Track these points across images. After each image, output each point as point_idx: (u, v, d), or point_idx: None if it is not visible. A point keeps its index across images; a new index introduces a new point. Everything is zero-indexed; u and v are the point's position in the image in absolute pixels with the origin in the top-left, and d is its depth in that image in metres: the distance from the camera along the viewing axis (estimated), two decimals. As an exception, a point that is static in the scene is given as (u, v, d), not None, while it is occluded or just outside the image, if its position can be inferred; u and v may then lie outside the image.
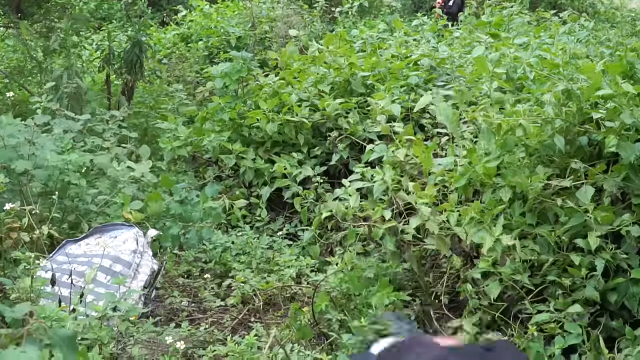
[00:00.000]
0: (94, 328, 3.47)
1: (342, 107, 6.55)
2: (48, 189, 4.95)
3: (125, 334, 3.89)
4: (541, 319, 4.18)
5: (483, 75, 5.73)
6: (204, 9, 13.35)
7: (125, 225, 4.72)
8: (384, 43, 8.31)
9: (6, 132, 5.00)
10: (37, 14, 8.63)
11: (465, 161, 4.90)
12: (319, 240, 5.79)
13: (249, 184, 6.65)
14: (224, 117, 6.85)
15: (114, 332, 3.78)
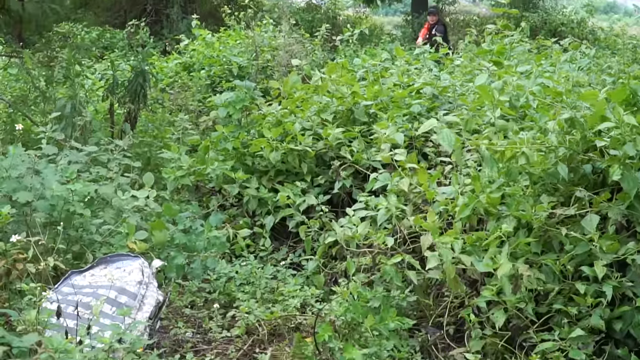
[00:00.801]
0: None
1: (345, 136, 6.58)
2: (52, 219, 4.95)
3: (131, 366, 3.88)
4: (546, 348, 4.18)
5: (486, 103, 5.75)
6: (206, 38, 13.41)
7: (131, 255, 4.71)
8: (386, 72, 8.35)
9: (9, 163, 5.02)
10: (38, 42, 8.67)
11: (468, 190, 4.92)
12: (324, 269, 5.79)
13: (252, 213, 6.65)
14: (227, 146, 6.87)
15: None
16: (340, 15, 23.59)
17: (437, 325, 4.89)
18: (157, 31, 19.86)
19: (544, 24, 21.76)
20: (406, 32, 24.10)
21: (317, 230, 6.04)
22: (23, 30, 8.80)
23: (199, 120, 8.53)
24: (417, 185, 5.37)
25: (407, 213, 5.27)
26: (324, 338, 4.50)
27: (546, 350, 4.17)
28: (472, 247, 4.61)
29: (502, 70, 6.77)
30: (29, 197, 4.78)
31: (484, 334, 4.46)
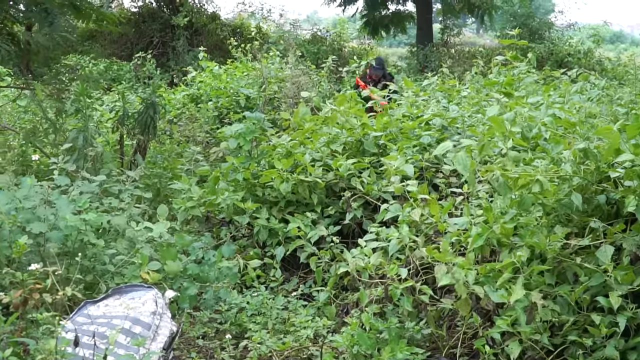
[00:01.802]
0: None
1: (355, 167, 6.59)
2: (66, 249, 4.96)
3: (146, 397, 3.88)
4: (561, 379, 4.16)
5: (496, 134, 5.76)
6: (214, 70, 13.50)
7: (144, 286, 4.71)
8: (394, 103, 8.38)
9: (23, 194, 5.04)
10: (47, 74, 8.71)
11: (481, 220, 4.92)
12: (335, 300, 5.78)
13: (263, 244, 6.65)
14: (237, 177, 6.89)
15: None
16: (346, 47, 23.70)
17: (450, 357, 4.86)
18: (164, 63, 20.00)
19: (551, 54, 21.82)
20: (411, 64, 24.21)
21: (328, 261, 6.04)
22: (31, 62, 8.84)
23: (209, 152, 8.56)
24: (428, 216, 5.38)
25: (419, 244, 5.27)
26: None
27: (561, 382, 4.16)
28: (485, 278, 4.60)
29: (513, 101, 6.79)
30: (43, 227, 4.79)
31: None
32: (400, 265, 5.13)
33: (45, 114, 8.21)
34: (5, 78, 13.30)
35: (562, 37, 24.33)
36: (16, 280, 4.34)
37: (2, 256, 4.64)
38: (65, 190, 5.43)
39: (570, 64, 19.67)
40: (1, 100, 11.41)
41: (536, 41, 22.64)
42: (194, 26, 21.66)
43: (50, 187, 5.16)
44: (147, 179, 7.76)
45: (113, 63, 19.50)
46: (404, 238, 5.23)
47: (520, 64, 8.61)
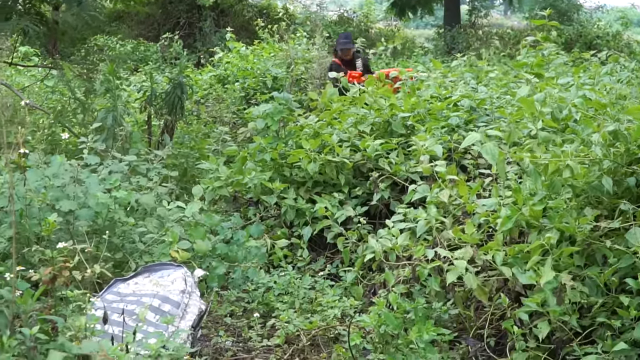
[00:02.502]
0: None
1: (382, 148, 6.57)
2: (95, 227, 4.99)
3: (175, 374, 3.90)
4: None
5: (525, 115, 5.73)
6: (240, 50, 13.49)
7: (174, 265, 4.74)
8: (422, 84, 8.35)
9: (52, 172, 5.07)
10: (74, 54, 8.75)
11: (509, 202, 4.89)
12: (362, 281, 5.78)
13: (290, 224, 6.66)
14: (265, 157, 6.89)
15: (164, 371, 3.79)
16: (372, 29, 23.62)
17: (478, 338, 4.86)
18: (190, 44, 20.03)
19: (579, 36, 21.65)
20: (438, 45, 24.09)
21: (355, 242, 6.04)
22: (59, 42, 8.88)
23: (237, 132, 8.58)
24: (457, 197, 5.36)
25: (446, 225, 5.25)
26: (355, 342, 4.52)
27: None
28: (513, 259, 4.58)
29: (543, 82, 6.74)
30: (72, 205, 4.82)
31: (527, 347, 4.43)
32: (428, 246, 5.12)
33: (74, 93, 8.25)
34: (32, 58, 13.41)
35: (590, 19, 24.13)
36: (45, 258, 4.37)
37: (31, 234, 4.68)
38: (94, 169, 5.46)
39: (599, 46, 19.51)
40: (29, 80, 11.47)
41: (565, 23, 22.45)
42: (220, 7, 21.67)
43: (80, 166, 5.19)
44: (174, 159, 7.80)
45: (140, 44, 19.55)
46: (431, 219, 5.22)
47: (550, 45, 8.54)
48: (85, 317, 3.60)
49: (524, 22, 29.83)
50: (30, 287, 4.18)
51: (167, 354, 3.78)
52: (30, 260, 4.57)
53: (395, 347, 4.59)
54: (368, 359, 4.60)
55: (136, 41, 19.63)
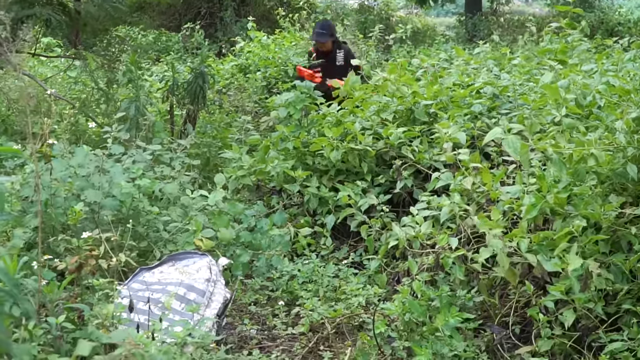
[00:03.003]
0: (175, 355, 3.50)
1: (405, 136, 6.55)
2: (120, 217, 5.02)
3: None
4: (615, 348, 4.12)
5: (549, 102, 5.70)
6: (262, 40, 13.48)
7: (198, 253, 4.76)
8: (444, 71, 8.32)
9: (77, 162, 5.10)
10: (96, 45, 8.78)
11: (534, 189, 4.87)
12: (386, 269, 5.78)
13: (313, 212, 6.66)
14: (287, 145, 6.90)
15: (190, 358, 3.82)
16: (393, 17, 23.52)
17: (503, 325, 4.85)
18: (212, 34, 20.02)
19: (601, 23, 21.49)
20: (459, 33, 23.98)
21: (379, 230, 6.04)
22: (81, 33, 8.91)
23: (259, 121, 8.58)
24: (480, 184, 5.34)
25: (470, 212, 5.24)
26: (380, 330, 4.53)
27: (615, 351, 4.12)
28: (538, 246, 4.57)
29: (567, 69, 6.71)
30: (98, 195, 4.85)
31: (552, 334, 4.42)
32: (452, 234, 5.11)
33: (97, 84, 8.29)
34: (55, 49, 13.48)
35: (612, 6, 23.95)
36: (71, 247, 4.41)
37: (57, 223, 4.71)
38: (118, 159, 5.48)
39: (621, 33, 19.34)
40: (51, 71, 11.53)
41: (586, 10, 22.29)
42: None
43: (105, 155, 5.22)
44: (196, 148, 7.82)
45: (162, 34, 19.57)
46: (455, 206, 5.21)
47: (574, 31, 8.49)
48: (111, 306, 3.62)
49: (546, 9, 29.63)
50: (56, 276, 4.22)
51: (192, 342, 3.80)
52: (55, 249, 4.60)
53: (420, 335, 4.59)
54: (393, 346, 4.60)
55: (158, 31, 19.65)
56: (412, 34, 13.71)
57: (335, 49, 9.87)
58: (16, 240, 4.44)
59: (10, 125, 8.29)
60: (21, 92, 6.24)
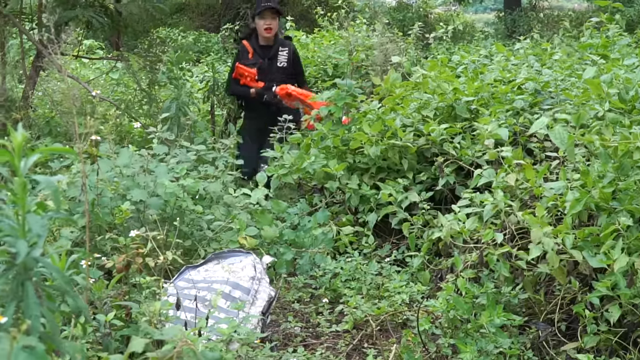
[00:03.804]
0: (221, 352, 3.53)
1: (447, 132, 6.54)
2: (165, 216, 5.08)
3: (247, 358, 3.96)
4: (662, 344, 4.10)
5: (592, 97, 5.66)
6: (301, 39, 13.53)
7: (243, 251, 4.80)
8: (485, 68, 8.29)
9: (122, 162, 5.17)
10: (137, 47, 8.87)
11: (578, 184, 4.84)
12: (429, 266, 5.78)
13: (355, 210, 6.67)
14: (328, 143, 6.91)
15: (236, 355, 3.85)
16: (432, 14, 23.48)
17: (548, 322, 4.82)
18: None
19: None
20: (499, 29, 23.87)
21: (421, 227, 6.03)
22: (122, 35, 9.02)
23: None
24: (523, 180, 5.31)
25: (514, 209, 5.22)
26: (424, 327, 4.53)
27: (662, 347, 4.10)
28: (583, 243, 4.54)
29: (609, 63, 6.65)
30: (143, 194, 4.91)
31: (598, 330, 4.39)
32: (496, 230, 5.09)
33: (139, 85, 8.37)
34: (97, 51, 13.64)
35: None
36: (118, 246, 4.46)
37: (103, 222, 4.77)
38: (163, 159, 5.54)
39: (661, 27, 19.14)
40: (94, 73, 11.67)
41: (626, 4, 22.06)
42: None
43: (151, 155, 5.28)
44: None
45: (201, 35, 19.73)
46: (498, 203, 5.18)
47: (613, 26, 8.41)
48: (159, 303, 3.66)
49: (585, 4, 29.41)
50: (103, 275, 4.28)
51: (238, 339, 3.84)
52: (102, 248, 4.67)
53: (464, 332, 4.58)
54: (438, 343, 4.60)
55: (197, 32, 19.81)
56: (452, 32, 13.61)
57: (278, 45, 8.08)
58: (64, 239, 4.51)
59: (54, 126, 8.40)
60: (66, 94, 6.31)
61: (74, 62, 11.07)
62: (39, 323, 2.57)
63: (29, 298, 2.56)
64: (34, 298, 2.57)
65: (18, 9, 8.37)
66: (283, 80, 7.81)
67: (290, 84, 7.77)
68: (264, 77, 7.82)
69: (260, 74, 7.81)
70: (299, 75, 8.21)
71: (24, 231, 2.58)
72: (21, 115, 7.21)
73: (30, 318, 2.53)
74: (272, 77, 7.85)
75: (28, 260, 2.58)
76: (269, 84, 7.83)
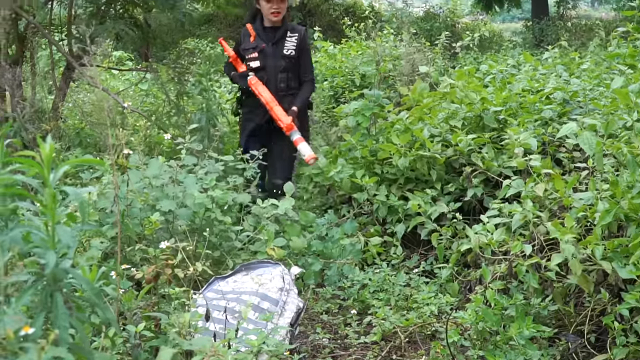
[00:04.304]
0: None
1: (475, 143, 6.52)
2: (194, 226, 5.10)
3: (275, 370, 3.97)
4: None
5: (620, 107, 5.62)
6: (328, 49, 13.55)
7: (271, 262, 4.81)
8: (513, 77, 8.27)
9: (152, 173, 5.20)
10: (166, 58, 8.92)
11: (607, 195, 4.81)
12: (457, 277, 5.76)
13: (383, 221, 6.67)
14: (356, 154, 6.92)
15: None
16: (459, 23, 23.43)
17: (578, 334, 4.79)
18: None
19: (669, 27, 21.11)
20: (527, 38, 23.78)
21: (449, 238, 6.02)
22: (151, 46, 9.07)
23: (329, 131, 8.62)
24: (552, 191, 5.29)
25: (543, 219, 5.19)
26: (453, 339, 4.52)
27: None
28: (613, 254, 4.51)
29: (637, 73, 6.60)
30: (172, 205, 4.93)
31: (627, 342, 4.36)
32: (525, 241, 5.07)
33: (168, 96, 8.42)
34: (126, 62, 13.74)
35: (680, 9, 23.49)
36: (147, 257, 4.49)
37: (133, 233, 4.80)
38: (191, 169, 5.57)
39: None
40: (123, 84, 11.76)
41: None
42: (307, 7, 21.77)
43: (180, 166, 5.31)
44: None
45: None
46: (527, 213, 5.16)
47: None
48: (188, 314, 3.68)
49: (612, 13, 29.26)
50: (132, 286, 4.31)
51: (267, 350, 3.84)
52: (131, 259, 4.70)
53: (494, 344, 4.56)
54: (467, 355, 4.58)
55: (226, 43, 19.90)
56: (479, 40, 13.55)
57: (286, 29, 6.92)
58: (94, 250, 4.55)
59: (84, 137, 8.47)
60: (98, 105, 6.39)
61: (104, 73, 11.17)
62: (67, 334, 2.60)
63: (58, 309, 2.59)
64: (63, 309, 2.60)
65: (47, 20, 8.45)
66: (288, 70, 6.80)
67: (296, 74, 6.87)
68: (266, 64, 6.78)
69: (262, 59, 6.78)
70: (302, 66, 6.95)
71: (54, 242, 2.61)
72: (51, 127, 7.27)
73: (59, 329, 2.55)
74: (275, 64, 6.78)
75: (57, 272, 2.61)
76: (259, 77, 6.80)
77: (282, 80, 6.79)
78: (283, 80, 6.80)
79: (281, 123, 6.53)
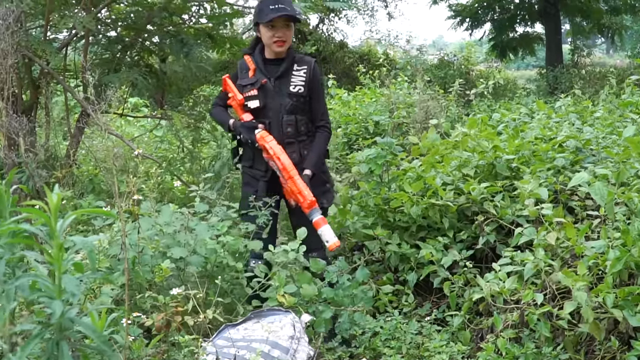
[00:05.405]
0: (259, 411, 3.53)
1: (488, 191, 6.53)
2: (205, 273, 5.11)
3: (285, 418, 3.95)
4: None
5: (632, 155, 5.64)
6: (342, 97, 13.64)
7: (282, 310, 4.81)
8: (526, 125, 8.29)
9: (163, 220, 5.23)
10: (181, 105, 9.00)
11: (618, 243, 4.81)
12: (469, 325, 5.73)
13: (395, 269, 6.66)
14: (369, 202, 6.94)
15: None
16: (473, 71, 23.55)
17: (590, 383, 4.76)
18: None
19: (680, 75, 21.16)
20: (541, 86, 23.85)
21: (462, 286, 6.00)
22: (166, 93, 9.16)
23: (341, 177, 8.64)
24: (564, 239, 5.28)
25: (555, 268, 5.18)
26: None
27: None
28: (624, 302, 4.50)
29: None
30: (184, 252, 4.95)
31: (639, 391, 4.33)
32: (536, 290, 5.05)
33: (182, 143, 8.48)
34: (141, 109, 13.87)
35: (694, 59, 23.59)
36: (157, 304, 4.50)
37: (143, 280, 4.82)
38: (204, 217, 5.59)
39: None
40: (138, 131, 11.86)
41: (666, 63, 22.00)
42: (322, 54, 21.93)
43: (192, 214, 5.33)
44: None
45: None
46: (539, 262, 5.15)
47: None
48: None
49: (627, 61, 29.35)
50: (142, 333, 4.31)
51: (276, 399, 3.83)
52: (142, 306, 4.70)
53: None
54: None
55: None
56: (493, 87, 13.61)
57: (292, 61, 5.58)
58: (104, 297, 4.56)
59: (98, 183, 8.53)
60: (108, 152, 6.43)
61: (119, 119, 11.27)
62: (73, 383, 2.61)
63: (64, 358, 2.59)
64: (69, 358, 2.61)
65: (62, 66, 8.54)
66: (296, 110, 5.55)
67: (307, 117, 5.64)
68: (268, 104, 5.50)
69: (263, 98, 5.49)
70: (314, 107, 5.69)
71: (60, 291, 2.62)
72: (63, 174, 7.32)
73: (66, 378, 2.56)
74: (279, 104, 5.51)
75: (64, 321, 2.62)
76: (261, 121, 5.51)
77: (289, 124, 5.51)
78: (290, 123, 5.52)
79: (301, 198, 5.43)
